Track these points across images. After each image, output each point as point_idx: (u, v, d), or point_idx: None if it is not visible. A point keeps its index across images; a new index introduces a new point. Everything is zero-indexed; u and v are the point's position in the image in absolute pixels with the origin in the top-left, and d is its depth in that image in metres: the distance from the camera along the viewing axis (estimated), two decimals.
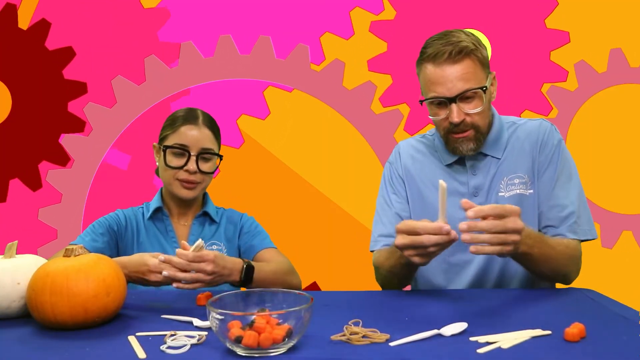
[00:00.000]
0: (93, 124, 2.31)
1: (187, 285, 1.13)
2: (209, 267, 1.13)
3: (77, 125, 2.32)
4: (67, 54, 2.31)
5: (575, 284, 1.31)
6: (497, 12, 2.25)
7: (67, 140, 2.32)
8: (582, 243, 1.32)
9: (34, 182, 2.33)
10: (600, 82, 2.25)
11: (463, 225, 1.03)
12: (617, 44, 2.24)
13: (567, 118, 2.25)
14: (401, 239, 1.10)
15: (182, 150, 1.40)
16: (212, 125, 1.46)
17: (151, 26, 2.30)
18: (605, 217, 2.25)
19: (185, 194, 1.42)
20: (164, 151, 1.41)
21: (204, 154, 1.42)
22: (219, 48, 2.30)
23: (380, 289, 1.41)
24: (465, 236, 1.04)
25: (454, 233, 1.06)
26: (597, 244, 2.24)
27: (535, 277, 1.31)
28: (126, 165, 2.30)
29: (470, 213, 1.03)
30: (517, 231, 1.05)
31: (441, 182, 1.05)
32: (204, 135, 1.42)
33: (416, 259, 1.11)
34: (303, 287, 1.58)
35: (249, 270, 1.23)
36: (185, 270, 1.12)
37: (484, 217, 1.05)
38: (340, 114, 2.29)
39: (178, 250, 1.13)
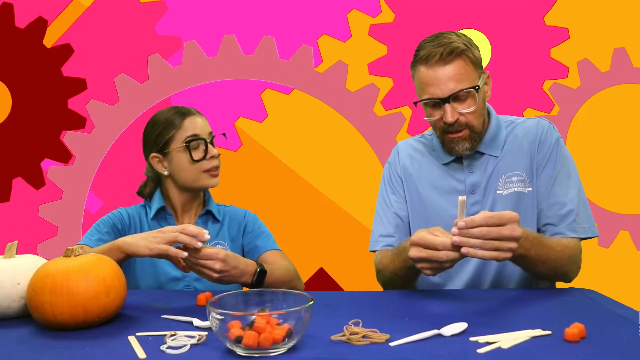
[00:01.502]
0: (95, 121, 2.32)
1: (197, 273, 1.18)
2: (217, 265, 1.15)
3: (78, 121, 2.33)
4: (65, 51, 2.32)
5: (575, 284, 1.31)
6: (495, 11, 2.25)
7: (69, 138, 2.33)
8: (583, 241, 1.32)
9: (37, 181, 2.33)
10: (602, 81, 2.24)
11: (456, 238, 1.03)
12: (621, 43, 2.23)
13: (569, 116, 2.25)
14: (417, 252, 1.09)
15: (199, 140, 1.41)
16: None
17: (149, 21, 2.31)
18: (603, 217, 2.25)
19: (214, 181, 1.45)
20: (187, 147, 1.40)
21: (213, 139, 1.46)
22: (222, 48, 2.31)
23: (381, 288, 1.41)
24: (456, 238, 1.03)
25: (455, 238, 1.05)
26: (594, 244, 2.24)
27: (533, 277, 1.31)
28: (100, 203, 2.32)
29: (461, 223, 1.02)
30: (514, 239, 1.04)
31: (460, 197, 1.04)
32: (205, 122, 1.46)
33: (428, 272, 1.10)
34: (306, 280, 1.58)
35: (261, 274, 1.24)
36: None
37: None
38: (343, 116, 2.30)
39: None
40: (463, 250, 1.03)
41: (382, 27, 2.27)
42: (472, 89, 1.28)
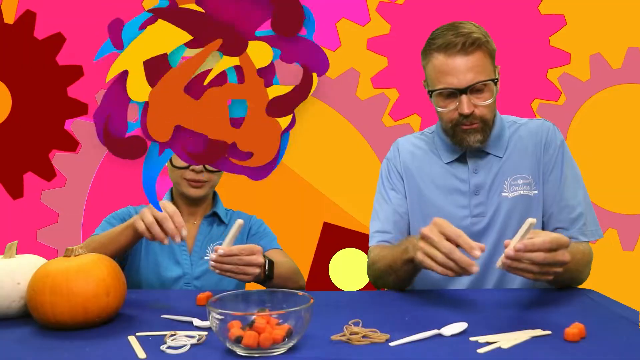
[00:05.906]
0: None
1: (233, 275, 1.15)
2: (261, 258, 1.14)
3: (80, 109, 2.32)
4: (57, 40, 2.31)
5: None
6: (490, 8, 2.24)
7: (76, 126, 2.32)
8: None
9: (47, 173, 2.33)
10: (613, 78, 2.24)
11: (510, 252, 0.96)
12: (635, 43, 2.23)
13: (574, 107, 2.25)
14: (428, 231, 1.05)
15: None
16: None
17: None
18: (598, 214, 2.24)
19: (194, 192, 1.43)
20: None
21: None
22: None
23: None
24: (507, 261, 0.97)
25: (475, 268, 1.00)
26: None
27: (548, 282, 1.30)
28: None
29: (519, 246, 0.95)
30: (564, 264, 1.00)
31: (530, 219, 0.96)
32: None
33: (420, 256, 1.06)
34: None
35: (271, 265, 1.24)
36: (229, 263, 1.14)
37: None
38: (351, 124, 2.29)
39: (234, 248, 1.12)
40: (499, 264, 0.99)
41: (380, 39, 2.27)
42: (490, 82, 1.27)
